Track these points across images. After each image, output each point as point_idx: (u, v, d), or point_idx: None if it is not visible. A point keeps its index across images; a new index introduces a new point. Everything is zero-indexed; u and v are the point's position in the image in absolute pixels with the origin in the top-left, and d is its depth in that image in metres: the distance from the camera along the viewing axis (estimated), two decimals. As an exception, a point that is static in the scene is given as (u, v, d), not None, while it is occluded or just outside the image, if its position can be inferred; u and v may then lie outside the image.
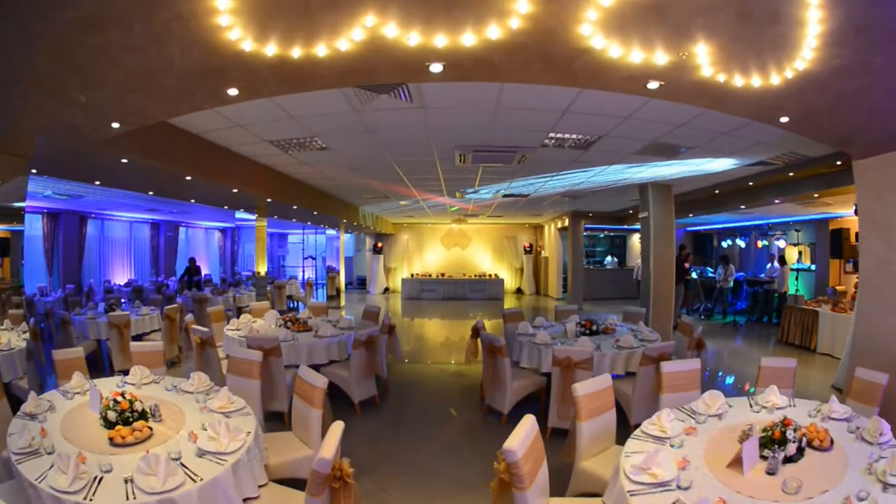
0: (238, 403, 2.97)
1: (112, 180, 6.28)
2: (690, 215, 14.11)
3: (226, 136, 5.31)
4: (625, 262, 19.92)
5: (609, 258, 20.14)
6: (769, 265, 14.99)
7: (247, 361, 3.86)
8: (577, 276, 14.87)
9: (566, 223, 15.81)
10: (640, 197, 9.89)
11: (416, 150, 5.92)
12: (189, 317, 6.07)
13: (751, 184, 9.21)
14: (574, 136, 5.29)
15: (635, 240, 20.12)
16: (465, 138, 5.35)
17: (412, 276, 17.16)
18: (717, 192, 10.96)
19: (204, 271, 21.43)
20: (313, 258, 23.59)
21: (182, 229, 19.61)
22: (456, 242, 19.10)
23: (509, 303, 16.79)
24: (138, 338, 7.80)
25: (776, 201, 10.23)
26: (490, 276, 17.32)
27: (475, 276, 17.31)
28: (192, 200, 8.40)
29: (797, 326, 9.31)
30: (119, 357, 6.73)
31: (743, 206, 11.72)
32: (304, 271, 21.59)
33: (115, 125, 3.61)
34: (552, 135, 5.27)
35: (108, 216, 15.42)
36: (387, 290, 18.51)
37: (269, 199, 7.81)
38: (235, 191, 6.90)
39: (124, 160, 4.98)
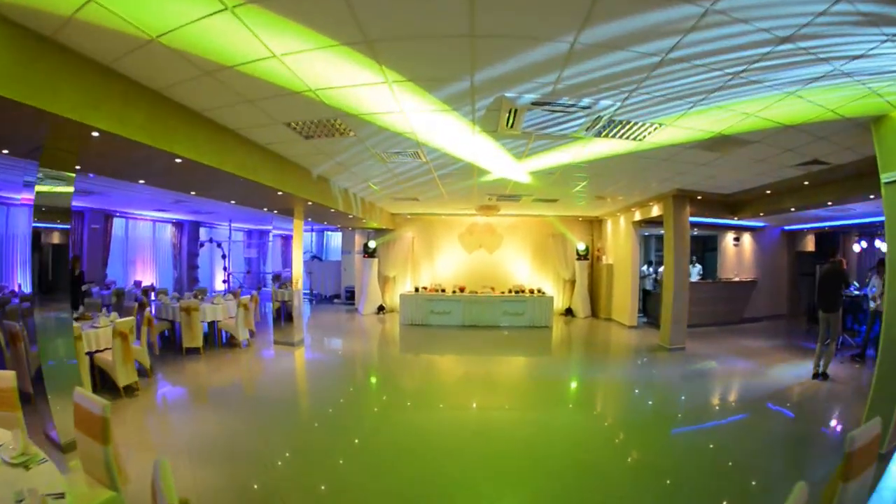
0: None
1: None
2: (829, 204, 8.54)
3: None
4: (714, 274, 14.25)
5: (692, 267, 14.50)
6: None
7: None
8: (681, 297, 9.23)
9: (654, 212, 10.25)
10: (881, 144, 4.37)
11: None
12: None
13: None
14: None
15: (728, 242, 14.41)
16: None
17: (417, 290, 11.69)
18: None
19: (147, 280, 16.29)
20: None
21: (118, 220, 14.60)
22: (481, 243, 13.59)
23: (559, 330, 11.21)
24: None
25: None
26: (532, 292, 11.75)
27: (509, 291, 11.75)
28: None
29: None
30: None
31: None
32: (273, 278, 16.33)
33: None
34: None
35: (9, 200, 10.57)
36: (381, 309, 13.07)
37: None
38: None
39: None
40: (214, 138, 4.97)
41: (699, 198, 9.58)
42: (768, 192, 8.99)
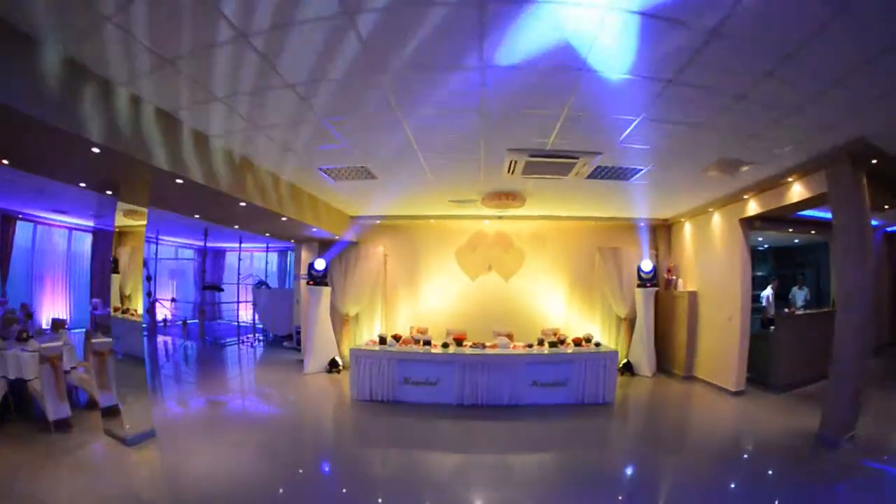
0: None
1: None
2: None
3: None
4: (827, 298, 9.91)
5: (798, 290, 10.14)
6: None
7: None
8: (861, 346, 4.92)
9: (794, 196, 5.73)
10: None
11: None
12: None
13: None
14: None
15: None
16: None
17: (382, 340, 6.92)
18: None
19: (59, 308, 11.81)
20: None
21: (24, 225, 10.48)
22: (491, 262, 8.97)
23: (629, 408, 6.50)
24: None
25: None
26: (580, 343, 6.92)
27: (539, 342, 6.96)
28: None
29: None
30: None
31: None
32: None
33: None
34: None
35: None
36: (335, 365, 8.36)
37: None
38: None
39: None
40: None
41: (874, 162, 5.03)
42: None
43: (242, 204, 5.53)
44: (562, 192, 6.46)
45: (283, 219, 6.48)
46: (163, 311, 14.72)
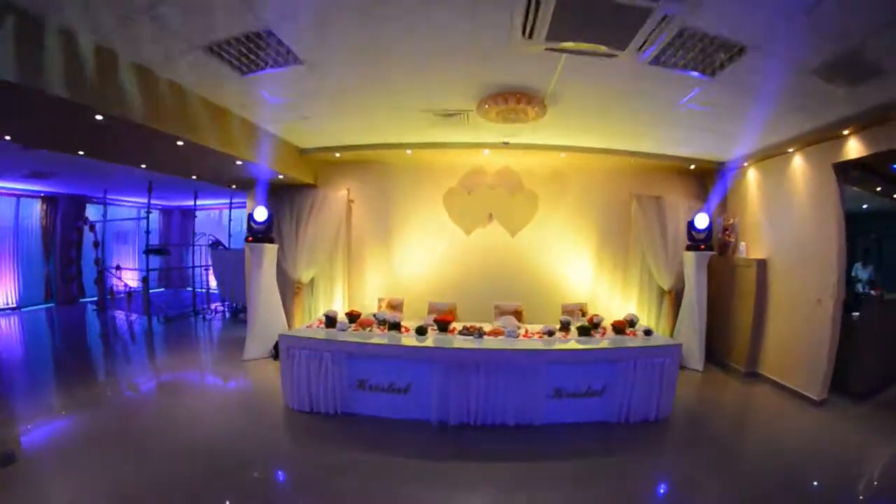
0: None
1: None
2: None
3: None
4: (891, 279, 7.65)
5: (861, 268, 7.93)
6: None
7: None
8: None
9: None
10: None
11: None
12: None
13: None
14: None
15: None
16: None
17: (329, 319, 4.73)
18: None
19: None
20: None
21: None
22: (493, 211, 6.75)
23: (681, 401, 4.40)
24: None
25: None
26: (621, 328, 4.73)
27: (561, 328, 4.81)
28: None
29: None
30: None
31: None
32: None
33: None
34: None
35: None
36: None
37: None
38: None
39: None
40: None
41: None
42: None
43: (99, 117, 3.34)
44: (600, 99, 4.14)
45: (179, 143, 4.23)
46: (113, 281, 12.64)
